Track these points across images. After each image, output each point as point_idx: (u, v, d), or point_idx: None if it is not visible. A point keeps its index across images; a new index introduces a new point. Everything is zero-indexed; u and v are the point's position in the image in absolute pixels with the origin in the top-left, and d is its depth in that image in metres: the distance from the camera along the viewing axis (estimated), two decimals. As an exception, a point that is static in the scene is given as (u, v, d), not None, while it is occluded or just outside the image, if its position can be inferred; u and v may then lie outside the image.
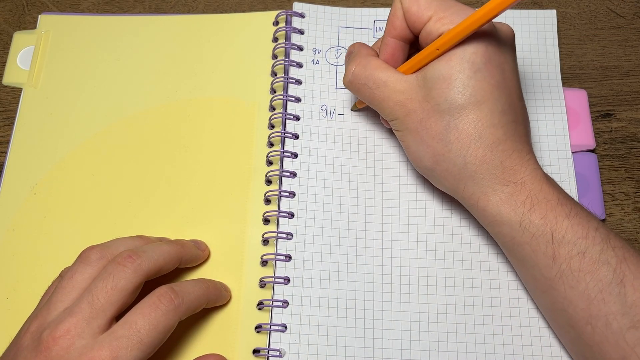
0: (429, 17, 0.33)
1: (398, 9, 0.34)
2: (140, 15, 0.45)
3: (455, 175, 0.33)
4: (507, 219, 0.32)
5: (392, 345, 0.35)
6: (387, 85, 0.34)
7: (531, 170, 0.32)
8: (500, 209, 0.32)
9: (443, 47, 0.32)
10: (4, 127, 0.43)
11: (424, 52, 0.33)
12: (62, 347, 0.29)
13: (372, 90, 0.35)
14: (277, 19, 0.44)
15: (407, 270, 0.37)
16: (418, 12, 0.33)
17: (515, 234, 0.32)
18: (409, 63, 0.34)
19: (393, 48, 0.35)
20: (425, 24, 0.33)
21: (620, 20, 0.46)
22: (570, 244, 0.30)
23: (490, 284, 0.36)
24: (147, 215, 0.39)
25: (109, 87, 0.43)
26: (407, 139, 0.35)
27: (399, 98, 0.34)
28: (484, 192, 0.33)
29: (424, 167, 0.35)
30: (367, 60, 0.36)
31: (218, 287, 0.36)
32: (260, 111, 0.41)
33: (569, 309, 0.31)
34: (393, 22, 0.35)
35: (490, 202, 0.32)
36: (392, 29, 0.35)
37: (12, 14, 0.47)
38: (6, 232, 0.39)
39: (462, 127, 0.32)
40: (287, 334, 0.35)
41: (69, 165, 0.40)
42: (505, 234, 0.33)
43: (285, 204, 0.38)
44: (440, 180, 0.35)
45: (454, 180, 0.34)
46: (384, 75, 0.35)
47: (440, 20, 0.32)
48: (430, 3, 0.33)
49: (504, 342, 0.35)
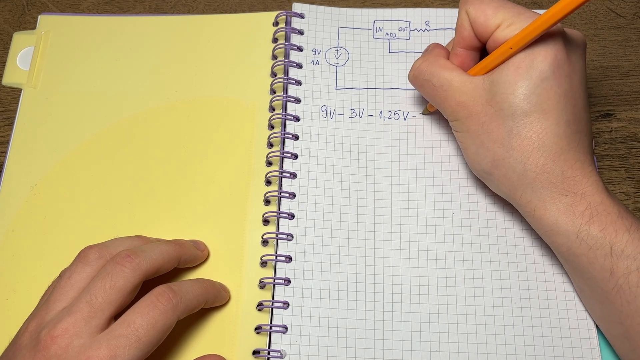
0: (497, 25, 0.33)
1: (465, 19, 0.34)
2: (140, 16, 0.45)
3: (513, 181, 0.33)
4: (564, 230, 0.32)
5: (393, 346, 0.35)
6: (452, 84, 0.34)
7: (593, 182, 0.32)
8: (557, 218, 0.32)
9: (517, 45, 0.32)
10: (3, 127, 0.43)
11: (496, 53, 0.33)
12: (60, 347, 0.29)
13: (436, 87, 0.35)
14: (276, 19, 0.44)
15: (407, 270, 0.37)
16: (485, 21, 0.33)
17: (571, 244, 0.32)
18: (481, 64, 0.34)
19: (462, 57, 0.36)
20: (493, 32, 0.33)
21: (620, 20, 0.46)
22: (630, 259, 0.30)
23: (492, 283, 0.36)
24: (147, 215, 0.39)
25: (109, 87, 0.43)
26: (466, 140, 0.35)
27: (462, 99, 0.34)
28: (542, 201, 0.32)
29: (482, 170, 0.35)
30: (435, 59, 0.36)
31: (217, 287, 0.36)
32: (260, 112, 0.41)
33: (625, 322, 0.30)
34: (461, 33, 0.35)
35: (548, 211, 0.32)
36: (461, 40, 0.35)
37: (12, 14, 0.47)
38: (6, 232, 0.39)
39: (525, 134, 0.32)
40: (287, 335, 0.35)
41: (69, 166, 0.40)
42: (561, 244, 0.32)
43: (286, 204, 0.38)
44: (497, 185, 0.35)
45: (511, 186, 0.34)
46: (450, 75, 0.35)
47: (510, 26, 0.32)
48: (497, 11, 0.33)
49: (506, 342, 0.35)
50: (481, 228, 0.38)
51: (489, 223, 0.38)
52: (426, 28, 0.44)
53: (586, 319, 0.35)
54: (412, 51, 0.43)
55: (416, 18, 0.44)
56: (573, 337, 0.35)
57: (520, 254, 0.37)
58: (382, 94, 0.42)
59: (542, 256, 0.37)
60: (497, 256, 0.37)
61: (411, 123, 0.41)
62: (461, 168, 0.39)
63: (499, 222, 0.38)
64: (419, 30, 0.44)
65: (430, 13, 0.44)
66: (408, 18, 0.44)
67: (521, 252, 0.37)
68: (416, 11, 0.44)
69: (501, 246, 0.37)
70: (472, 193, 0.39)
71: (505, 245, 0.37)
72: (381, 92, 0.42)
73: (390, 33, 0.44)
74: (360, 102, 0.41)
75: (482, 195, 0.39)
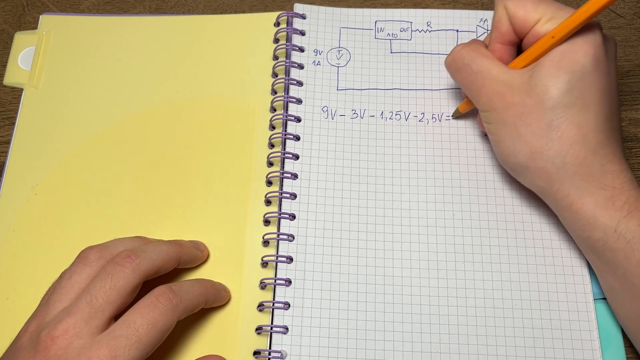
0: (537, 20, 0.33)
1: (503, 14, 0.34)
2: (140, 16, 0.45)
3: (552, 174, 0.33)
4: (602, 224, 0.31)
5: (394, 347, 0.35)
6: (491, 72, 0.34)
7: (630, 177, 0.32)
8: (595, 212, 0.32)
9: (559, 34, 0.32)
10: (4, 127, 0.43)
11: (538, 44, 0.33)
12: (61, 347, 0.29)
13: (474, 73, 0.35)
14: (278, 19, 0.44)
15: (408, 271, 0.37)
16: (525, 15, 0.33)
17: (608, 239, 0.31)
18: (521, 56, 0.34)
19: (500, 52, 0.35)
20: (533, 27, 0.33)
21: (620, 20, 0.46)
22: None
23: (492, 284, 0.36)
24: (148, 215, 0.39)
25: (110, 87, 0.43)
26: (501, 132, 0.34)
27: (499, 88, 0.34)
28: (580, 195, 0.32)
29: (517, 163, 0.34)
30: (476, 46, 0.36)
31: (217, 287, 0.36)
32: (261, 112, 0.41)
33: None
34: (499, 29, 0.35)
35: (586, 204, 0.32)
36: (499, 35, 0.35)
37: (12, 14, 0.47)
38: (7, 232, 0.39)
39: (565, 127, 0.32)
40: (288, 335, 0.35)
41: (70, 166, 0.40)
42: (597, 239, 0.32)
43: (287, 205, 0.38)
44: (532, 179, 0.34)
45: (549, 179, 0.33)
46: (489, 63, 0.34)
47: (550, 20, 0.33)
48: (537, 6, 0.33)
49: (506, 343, 0.35)
50: (482, 229, 0.38)
51: (490, 224, 0.38)
52: (428, 29, 0.44)
53: (587, 320, 0.35)
54: (413, 52, 0.43)
55: (418, 19, 0.44)
56: (574, 339, 0.35)
57: (522, 255, 0.37)
58: (384, 94, 0.42)
59: (542, 257, 0.37)
60: (498, 257, 0.37)
61: (412, 124, 0.41)
62: (462, 169, 0.39)
63: (500, 223, 0.38)
64: (420, 30, 0.44)
65: (432, 14, 0.44)
66: (410, 18, 0.44)
67: (522, 253, 0.37)
68: (418, 12, 0.44)
69: (502, 247, 0.37)
70: (473, 194, 0.39)
71: (506, 247, 0.37)
72: (382, 92, 0.42)
73: (392, 33, 0.44)
74: (362, 102, 0.41)
75: (483, 196, 0.39)
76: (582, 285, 0.36)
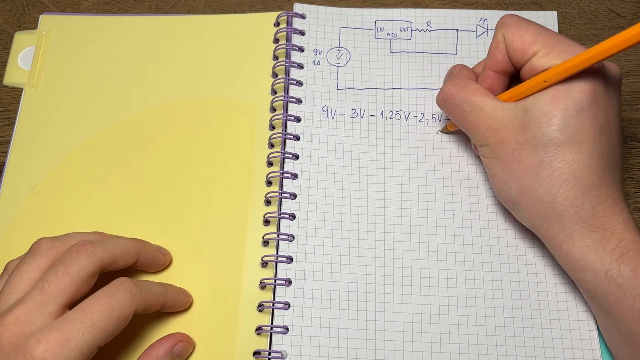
0: (535, 53, 0.32)
1: (500, 42, 0.34)
2: (140, 15, 0.45)
3: (541, 212, 0.32)
4: (592, 266, 0.31)
5: (394, 347, 0.35)
6: (483, 110, 0.34)
7: (624, 219, 0.31)
8: (585, 254, 0.31)
9: (551, 80, 0.31)
10: (4, 127, 0.43)
11: (529, 83, 0.32)
12: (12, 334, 0.28)
13: (466, 112, 0.34)
14: (278, 19, 0.44)
15: (408, 271, 0.37)
16: (522, 47, 0.32)
17: (599, 282, 0.31)
18: (511, 92, 0.33)
19: (492, 80, 0.35)
20: (529, 59, 0.32)
21: (620, 20, 0.46)
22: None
23: (493, 284, 0.36)
24: (148, 215, 0.39)
25: (110, 87, 0.43)
26: (494, 167, 0.34)
27: (493, 125, 0.33)
28: (570, 235, 0.31)
29: (509, 198, 0.34)
30: (465, 83, 0.35)
31: (177, 290, 0.36)
32: (261, 112, 0.41)
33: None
34: (494, 56, 0.34)
35: (575, 246, 0.31)
36: (493, 63, 0.34)
37: (12, 14, 0.47)
38: (6, 232, 0.39)
39: (556, 165, 0.31)
40: (288, 335, 0.35)
41: (70, 166, 0.40)
42: (588, 281, 0.31)
43: (287, 205, 0.38)
44: (523, 215, 0.34)
45: (539, 217, 0.33)
46: (481, 100, 0.34)
47: (547, 55, 0.32)
48: (536, 38, 0.32)
49: (506, 343, 0.35)
50: (482, 229, 0.38)
51: (490, 224, 0.38)
52: (427, 28, 0.44)
53: (587, 320, 0.35)
54: (413, 51, 0.43)
55: (417, 18, 0.44)
56: (574, 338, 0.35)
57: (521, 255, 0.37)
58: (384, 94, 0.42)
59: (542, 257, 0.37)
60: (498, 257, 0.37)
61: (412, 123, 0.41)
62: (462, 169, 0.39)
63: (500, 223, 0.38)
64: (420, 30, 0.44)
65: (432, 13, 0.44)
66: (409, 18, 0.44)
67: (522, 253, 0.37)
68: (417, 11, 0.44)
69: (502, 247, 0.37)
70: (473, 194, 0.39)
71: (507, 247, 0.37)
72: (382, 92, 0.42)
73: (392, 33, 0.44)
74: (362, 102, 0.41)
75: (484, 197, 0.39)
76: (582, 285, 0.36)
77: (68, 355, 0.28)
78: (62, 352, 0.28)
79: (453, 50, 0.43)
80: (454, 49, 0.43)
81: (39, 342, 0.28)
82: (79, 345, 0.28)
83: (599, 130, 0.31)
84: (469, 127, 0.35)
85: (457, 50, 0.43)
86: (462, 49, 0.43)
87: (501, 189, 0.34)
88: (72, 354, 0.28)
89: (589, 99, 0.31)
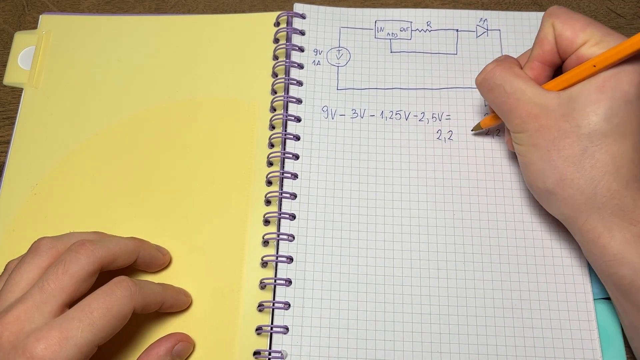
0: (584, 42, 0.32)
1: (549, 32, 0.33)
2: (140, 15, 0.45)
3: (580, 203, 0.32)
4: (630, 261, 0.30)
5: (394, 347, 0.35)
6: (525, 93, 0.33)
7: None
8: (624, 248, 0.30)
9: (600, 64, 0.31)
10: (4, 127, 0.43)
11: (578, 69, 0.32)
12: (12, 332, 0.28)
13: (508, 94, 0.33)
14: (278, 19, 0.44)
15: (408, 271, 0.37)
16: (572, 35, 0.32)
17: (636, 277, 0.30)
18: (558, 79, 0.33)
19: (538, 71, 0.34)
20: (578, 48, 0.32)
21: (620, 20, 0.46)
22: None
23: (493, 284, 0.36)
24: (147, 215, 0.39)
25: (110, 87, 0.43)
26: (531, 156, 0.33)
27: (533, 110, 0.32)
28: (609, 229, 0.31)
29: (545, 188, 0.33)
30: (509, 65, 0.34)
31: (176, 290, 0.36)
32: (261, 112, 0.41)
33: None
34: (543, 46, 0.33)
35: (614, 240, 0.31)
36: (541, 53, 0.34)
37: (12, 14, 0.47)
38: (6, 232, 0.39)
39: (599, 156, 0.31)
40: (288, 335, 0.35)
41: (70, 166, 0.40)
42: (623, 276, 0.31)
43: (287, 205, 0.38)
44: (558, 207, 0.33)
45: (576, 209, 0.32)
46: (524, 84, 0.33)
47: (598, 44, 0.31)
48: (586, 27, 0.32)
49: (507, 342, 0.35)
50: (482, 229, 0.38)
51: (490, 224, 0.38)
52: (428, 28, 0.44)
53: (587, 320, 0.35)
54: (413, 51, 0.43)
55: (417, 18, 0.44)
56: (574, 338, 0.35)
57: (522, 254, 0.37)
58: (384, 94, 0.42)
59: (542, 257, 0.37)
60: (498, 257, 0.37)
61: (412, 123, 0.41)
62: (462, 169, 0.39)
63: (500, 223, 0.38)
64: (420, 30, 0.44)
65: (432, 14, 0.44)
66: (409, 18, 0.44)
67: (522, 253, 0.37)
68: (417, 11, 0.44)
69: (502, 247, 0.37)
70: (473, 194, 0.39)
71: (507, 247, 0.37)
72: (382, 92, 0.42)
73: (392, 33, 0.44)
74: (362, 102, 0.41)
75: (483, 196, 0.39)
76: (582, 285, 0.36)
77: (67, 353, 0.28)
78: (61, 350, 0.28)
79: (453, 50, 0.43)
80: (454, 49, 0.43)
81: (38, 341, 0.28)
82: (78, 343, 0.28)
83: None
84: (507, 111, 0.34)
85: (457, 50, 0.43)
86: (462, 49, 0.43)
87: (537, 178, 0.33)
88: (71, 352, 0.28)
89: (636, 92, 0.30)
